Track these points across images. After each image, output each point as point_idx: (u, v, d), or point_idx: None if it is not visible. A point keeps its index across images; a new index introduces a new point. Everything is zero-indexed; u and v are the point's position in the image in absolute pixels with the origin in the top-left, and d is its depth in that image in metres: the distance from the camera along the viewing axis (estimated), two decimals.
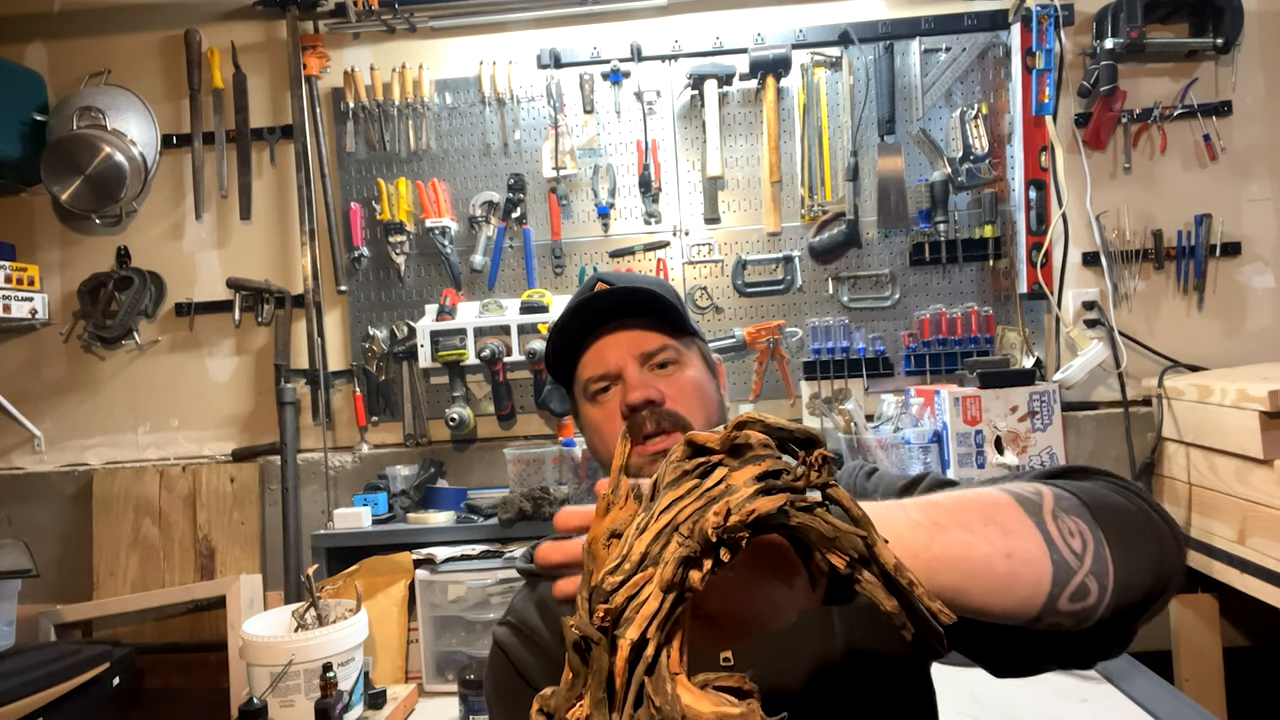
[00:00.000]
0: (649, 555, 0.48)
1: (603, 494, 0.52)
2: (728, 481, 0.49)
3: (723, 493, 0.48)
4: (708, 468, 0.50)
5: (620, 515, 0.51)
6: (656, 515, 0.49)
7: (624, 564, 0.48)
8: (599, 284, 0.98)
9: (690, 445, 0.51)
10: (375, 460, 2.38)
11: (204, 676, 2.23)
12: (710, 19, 2.32)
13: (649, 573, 0.47)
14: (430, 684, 2.01)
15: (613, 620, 0.47)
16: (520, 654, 0.94)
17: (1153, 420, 2.19)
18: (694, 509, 0.48)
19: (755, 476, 0.48)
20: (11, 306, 2.28)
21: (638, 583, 0.47)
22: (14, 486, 2.45)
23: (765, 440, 0.50)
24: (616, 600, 0.47)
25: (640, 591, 0.47)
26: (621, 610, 0.47)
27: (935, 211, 2.23)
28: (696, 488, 0.49)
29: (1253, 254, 2.24)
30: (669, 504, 0.49)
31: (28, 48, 2.44)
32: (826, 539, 0.49)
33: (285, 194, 2.42)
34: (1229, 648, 2.10)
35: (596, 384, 0.96)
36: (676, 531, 0.48)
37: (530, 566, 1.02)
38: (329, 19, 2.36)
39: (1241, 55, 2.22)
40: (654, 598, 0.46)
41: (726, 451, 0.50)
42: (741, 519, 0.47)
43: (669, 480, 0.50)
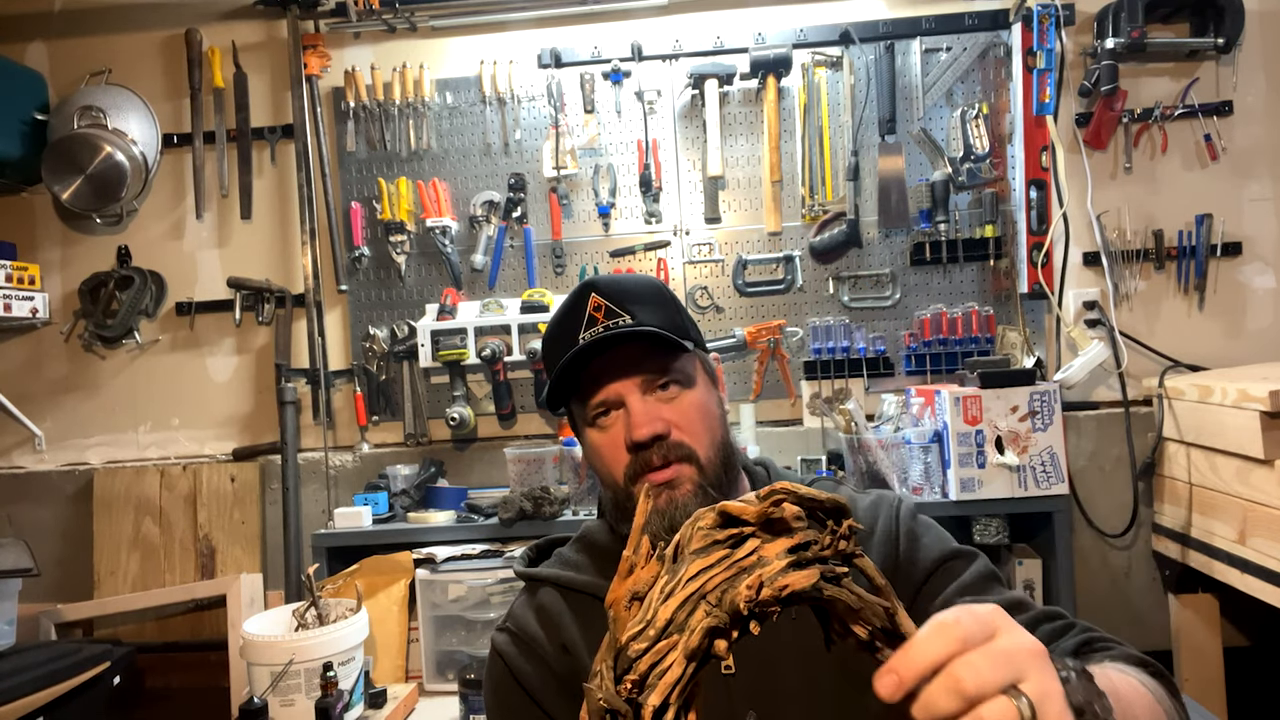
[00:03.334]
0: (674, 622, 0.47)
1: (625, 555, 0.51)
2: (760, 553, 0.49)
3: (754, 564, 0.48)
4: (739, 539, 0.50)
5: (643, 576, 0.51)
6: (683, 583, 0.48)
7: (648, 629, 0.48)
8: (593, 296, 0.93)
9: (723, 515, 0.50)
10: (376, 460, 2.38)
11: (204, 676, 2.24)
12: (711, 19, 2.31)
13: (673, 639, 0.47)
14: (430, 683, 2.01)
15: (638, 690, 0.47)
16: (520, 663, 0.93)
17: (1153, 420, 2.19)
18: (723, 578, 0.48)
19: (787, 549, 0.48)
20: (12, 306, 2.28)
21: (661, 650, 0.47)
22: (15, 486, 2.45)
23: (798, 513, 0.50)
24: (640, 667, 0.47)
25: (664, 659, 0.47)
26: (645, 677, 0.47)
27: (936, 211, 2.23)
28: (727, 558, 0.49)
29: (1253, 254, 2.24)
30: (697, 572, 0.49)
31: (29, 47, 2.44)
32: (853, 610, 0.49)
33: (286, 193, 2.42)
34: (1229, 648, 2.09)
35: (597, 410, 0.93)
36: (704, 600, 0.48)
37: (529, 571, 1.01)
38: (330, 18, 2.36)
39: (1242, 55, 2.22)
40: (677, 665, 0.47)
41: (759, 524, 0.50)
42: (775, 593, 0.47)
43: (696, 547, 0.50)
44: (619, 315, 0.92)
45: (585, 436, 0.97)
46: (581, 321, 0.93)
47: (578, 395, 0.96)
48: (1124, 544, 2.23)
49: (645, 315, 0.93)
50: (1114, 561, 2.24)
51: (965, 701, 0.44)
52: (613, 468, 0.92)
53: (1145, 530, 2.22)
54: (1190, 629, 2.10)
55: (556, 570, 0.99)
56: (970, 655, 0.45)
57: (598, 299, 0.93)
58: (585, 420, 0.96)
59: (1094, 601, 2.19)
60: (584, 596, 0.95)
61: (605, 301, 0.93)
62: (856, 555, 0.50)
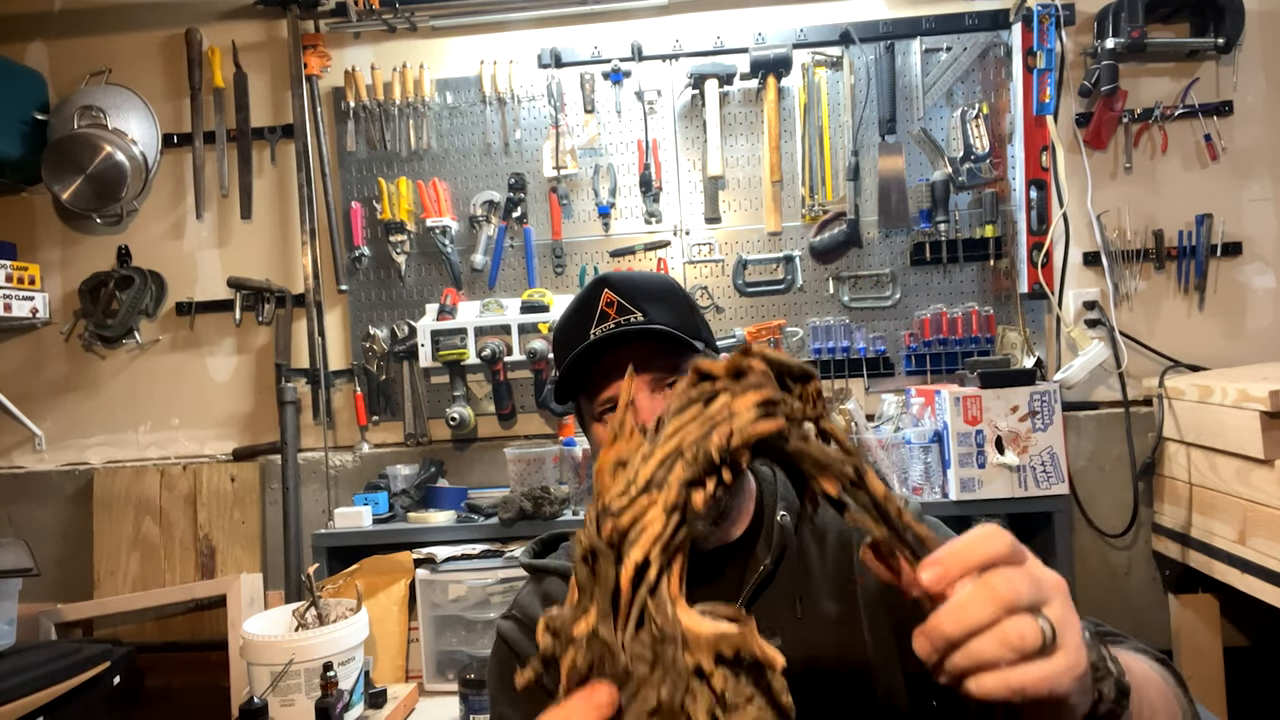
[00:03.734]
0: (654, 480, 0.49)
1: (610, 425, 0.53)
2: (730, 408, 0.51)
3: (725, 417, 0.50)
4: (711, 394, 0.52)
5: (626, 446, 0.52)
6: (663, 442, 0.51)
7: (630, 488, 0.49)
8: (605, 292, 0.93)
9: (697, 372, 0.53)
10: (376, 459, 2.38)
11: (204, 676, 2.24)
12: (711, 19, 2.31)
13: (654, 496, 0.49)
14: (430, 683, 2.01)
15: (619, 538, 0.48)
16: (525, 648, 0.94)
17: (1153, 420, 2.19)
18: (699, 434, 0.50)
19: (756, 403, 0.50)
20: (12, 305, 2.28)
21: (643, 505, 0.49)
22: (15, 485, 2.45)
23: (766, 370, 0.52)
24: (623, 521, 0.48)
25: (646, 514, 0.48)
26: (627, 531, 0.48)
27: (936, 211, 2.23)
28: (700, 414, 0.51)
29: (1254, 254, 2.24)
30: (674, 431, 0.51)
31: (29, 47, 2.44)
32: (821, 465, 0.52)
33: (286, 193, 2.42)
34: (1229, 648, 2.09)
35: (604, 405, 0.94)
36: (681, 457, 0.50)
37: (535, 562, 1.02)
38: (330, 18, 2.36)
39: (1243, 55, 2.22)
40: (658, 520, 0.48)
41: (730, 376, 0.52)
42: (744, 440, 0.49)
43: (675, 409, 0.52)
44: (631, 312, 0.92)
45: (591, 431, 0.97)
46: (593, 317, 0.93)
47: (586, 390, 0.96)
48: (1124, 544, 2.23)
49: (657, 313, 0.93)
50: (1114, 561, 2.23)
51: (999, 610, 0.46)
52: None
53: (1145, 530, 2.22)
54: (1190, 629, 2.10)
55: (562, 561, 1.00)
56: (1006, 569, 0.47)
57: (610, 295, 0.93)
58: (592, 415, 0.96)
59: (1094, 601, 2.19)
60: None
61: (618, 298, 0.93)
62: (823, 417, 0.53)
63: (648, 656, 0.46)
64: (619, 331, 0.90)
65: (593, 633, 0.47)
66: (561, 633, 0.49)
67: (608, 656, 0.47)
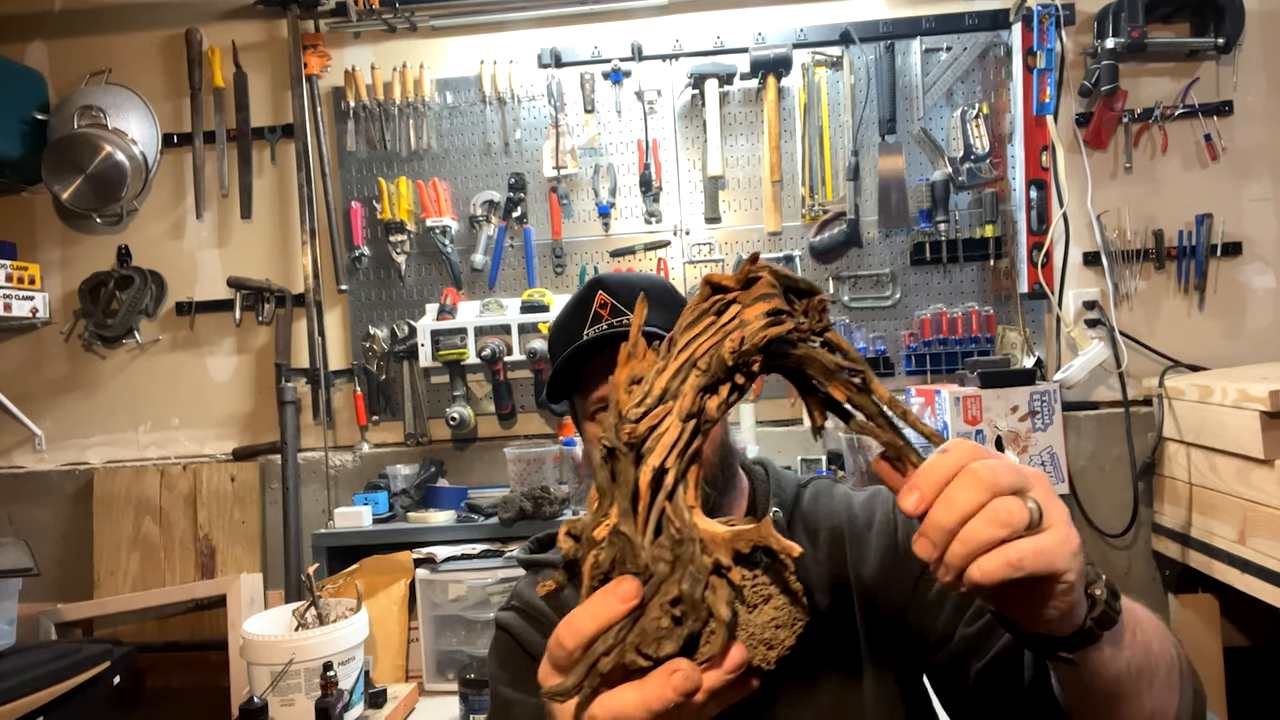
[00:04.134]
0: (669, 390, 0.52)
1: (625, 347, 0.55)
2: (741, 317, 0.53)
3: (736, 326, 0.52)
4: (723, 305, 0.54)
5: (640, 365, 0.54)
6: (676, 354, 0.53)
7: (646, 399, 0.52)
8: (599, 293, 0.95)
9: (709, 285, 0.55)
10: (376, 459, 2.38)
11: (204, 675, 2.23)
12: (711, 18, 2.31)
13: (669, 405, 0.51)
14: (430, 683, 2.01)
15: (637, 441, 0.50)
16: (527, 634, 0.95)
17: (1153, 420, 2.19)
18: (711, 342, 0.52)
19: (766, 311, 0.52)
20: (12, 305, 2.28)
21: (659, 414, 0.51)
22: (15, 485, 2.45)
23: (773, 282, 0.54)
24: (640, 428, 0.50)
25: (661, 422, 0.51)
26: (644, 438, 0.50)
27: (936, 211, 2.23)
28: (713, 324, 0.53)
29: (1253, 254, 2.24)
30: (687, 342, 0.53)
31: (29, 46, 2.44)
32: (828, 371, 0.53)
33: (286, 193, 2.42)
34: (1229, 648, 2.10)
35: (596, 405, 0.96)
36: (694, 366, 0.52)
37: (532, 557, 1.03)
38: (330, 18, 2.36)
39: (1243, 55, 2.22)
40: (674, 427, 0.50)
41: (741, 286, 0.54)
42: (755, 344, 0.51)
43: (687, 323, 0.54)
44: (624, 314, 0.94)
45: (585, 429, 0.99)
46: (587, 318, 0.95)
47: (579, 389, 0.98)
48: (1124, 544, 2.23)
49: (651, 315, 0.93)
50: (1114, 561, 2.23)
51: (984, 493, 0.49)
52: None
53: (1145, 530, 2.22)
54: (1190, 629, 2.10)
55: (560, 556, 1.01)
56: (987, 460, 0.50)
57: (604, 296, 0.95)
58: (585, 414, 0.98)
59: None
60: None
61: (612, 300, 0.94)
62: (828, 329, 0.55)
63: (667, 558, 0.47)
64: (611, 333, 0.92)
65: (614, 529, 0.49)
66: (583, 535, 0.51)
67: (629, 553, 0.48)
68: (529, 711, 0.89)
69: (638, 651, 0.45)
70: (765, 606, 0.50)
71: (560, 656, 0.48)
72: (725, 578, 0.47)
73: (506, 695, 0.93)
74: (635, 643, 0.46)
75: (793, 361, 0.54)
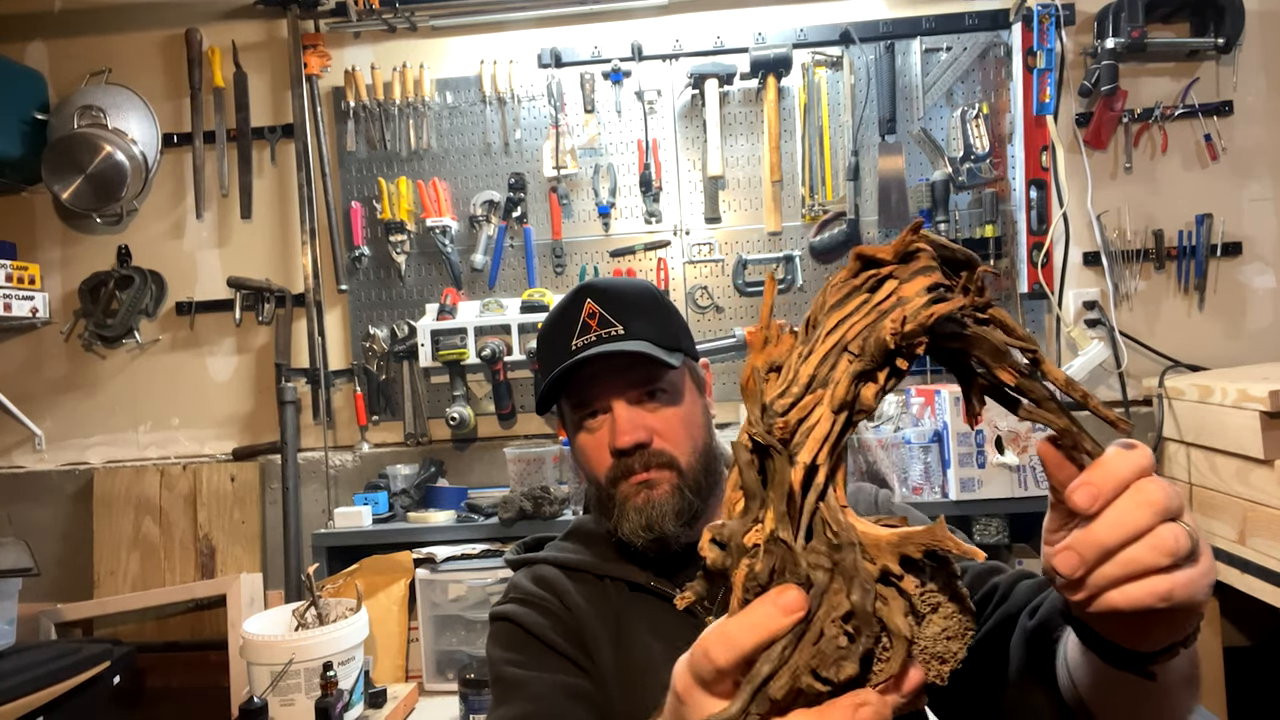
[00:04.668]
0: (817, 378, 0.45)
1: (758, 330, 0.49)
2: (898, 294, 0.46)
3: (894, 305, 0.46)
4: (878, 280, 0.47)
5: (778, 350, 0.48)
6: (823, 338, 0.46)
7: (791, 388, 0.45)
8: (588, 302, 0.96)
9: (860, 259, 0.48)
10: (376, 459, 2.38)
11: (204, 675, 2.23)
12: (711, 18, 2.31)
13: (818, 394, 0.45)
14: (430, 683, 2.01)
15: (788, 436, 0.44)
16: (531, 618, 0.95)
17: (1153, 420, 2.19)
18: (865, 324, 0.46)
19: (926, 287, 0.46)
20: (12, 305, 2.28)
21: (808, 404, 0.45)
22: (15, 485, 2.45)
23: (933, 254, 0.47)
24: (789, 421, 0.44)
25: (811, 414, 0.45)
26: (794, 432, 0.44)
27: (936, 211, 2.23)
28: (866, 303, 0.47)
29: (1254, 254, 2.24)
30: (835, 324, 0.47)
31: (28, 46, 2.44)
32: (998, 352, 0.47)
33: (286, 193, 2.42)
34: (1229, 648, 2.09)
35: (585, 413, 0.97)
36: (845, 351, 0.46)
37: (522, 556, 1.05)
38: (330, 18, 2.36)
39: (1243, 55, 2.22)
40: (825, 419, 0.44)
41: (898, 260, 0.47)
42: (920, 324, 0.44)
43: (833, 302, 0.48)
44: (612, 324, 0.94)
45: (573, 436, 1.00)
46: (575, 327, 0.95)
47: (567, 398, 0.99)
48: None
49: (639, 326, 0.95)
50: None
51: (1155, 518, 0.45)
52: (596, 468, 0.96)
53: None
54: None
55: (552, 554, 1.03)
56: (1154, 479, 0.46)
57: (593, 305, 0.95)
58: (575, 424, 0.99)
59: None
60: (583, 574, 0.99)
61: (600, 310, 0.95)
62: (992, 304, 0.47)
63: (825, 564, 0.42)
64: (597, 352, 0.92)
65: (771, 537, 0.43)
66: (731, 543, 0.44)
67: (789, 563, 0.42)
68: (546, 687, 0.89)
69: (814, 675, 0.40)
70: (934, 616, 0.44)
71: (710, 672, 0.42)
72: (896, 586, 0.42)
73: (517, 675, 0.91)
74: (811, 664, 0.40)
75: (958, 343, 0.47)
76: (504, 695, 0.91)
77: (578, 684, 0.91)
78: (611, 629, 0.95)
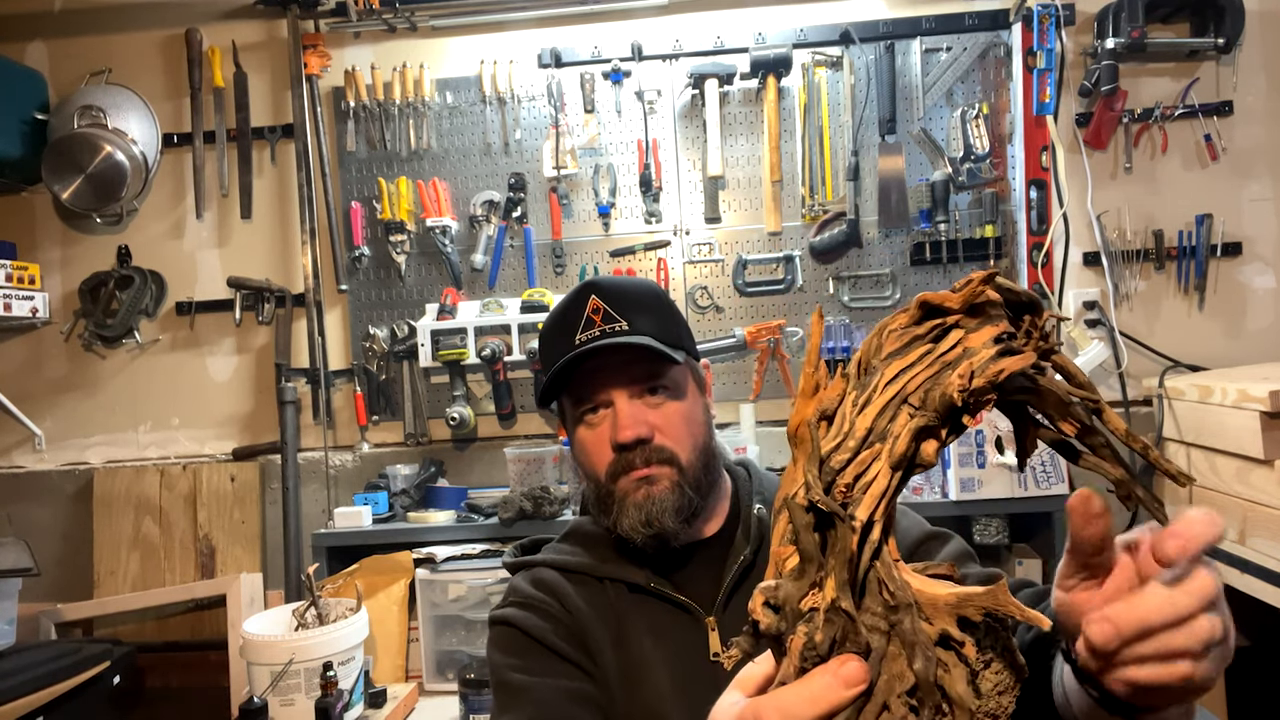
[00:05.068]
0: (874, 430, 0.43)
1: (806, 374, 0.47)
2: (964, 344, 0.44)
3: (960, 357, 0.44)
4: (942, 330, 0.45)
5: (828, 395, 0.46)
6: (881, 388, 0.44)
7: (847, 440, 0.43)
8: (592, 298, 0.96)
9: (924, 305, 0.46)
10: (376, 459, 2.38)
11: (204, 675, 2.23)
12: (711, 18, 2.31)
13: (876, 449, 0.43)
14: (430, 683, 2.01)
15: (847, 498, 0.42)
16: (532, 622, 0.95)
17: (1153, 420, 2.19)
18: (926, 375, 0.44)
19: (994, 338, 0.44)
20: (12, 305, 2.28)
21: (865, 460, 0.43)
22: (15, 485, 2.45)
23: (999, 300, 0.45)
24: (846, 478, 0.43)
25: (867, 470, 0.43)
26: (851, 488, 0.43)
27: (936, 211, 2.23)
28: (929, 353, 0.45)
29: (1254, 254, 2.24)
30: (896, 374, 0.44)
31: (28, 46, 2.44)
32: (1062, 404, 0.45)
33: (286, 193, 2.42)
34: None
35: (586, 408, 0.97)
36: (906, 403, 0.44)
37: (520, 559, 1.05)
38: (330, 18, 2.36)
39: (1243, 55, 2.22)
40: (883, 475, 0.42)
41: (965, 310, 0.45)
42: (988, 379, 0.42)
43: (891, 350, 0.45)
44: (616, 320, 0.95)
45: (573, 432, 1.00)
46: (579, 322, 0.96)
47: (569, 393, 0.99)
48: None
49: (642, 323, 0.96)
50: None
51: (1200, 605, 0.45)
52: (596, 464, 0.97)
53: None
54: None
55: (550, 556, 1.03)
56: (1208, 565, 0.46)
57: (597, 301, 0.96)
58: (574, 417, 0.99)
59: None
60: (582, 576, 0.99)
61: (604, 305, 0.95)
62: (1056, 351, 0.45)
63: (882, 627, 0.41)
64: (603, 344, 0.93)
65: (833, 606, 0.41)
66: (786, 606, 0.43)
67: (850, 632, 0.41)
68: (549, 692, 0.89)
69: None
70: (987, 673, 0.42)
71: None
72: (956, 651, 0.41)
73: (519, 681, 0.91)
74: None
75: (1024, 395, 0.45)
76: (507, 702, 0.91)
77: (580, 687, 0.91)
78: (613, 630, 0.95)
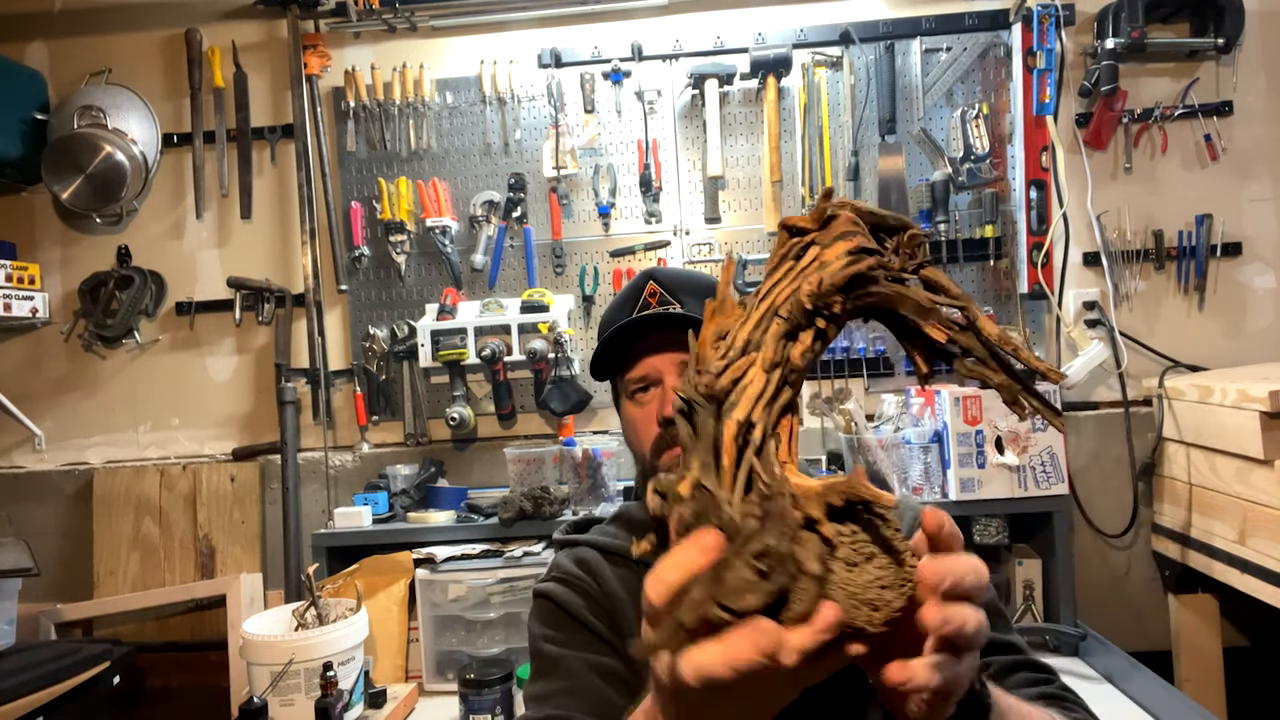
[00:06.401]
0: (751, 341, 0.49)
1: (708, 303, 0.53)
2: (820, 258, 0.50)
3: (816, 268, 0.50)
4: (802, 248, 0.51)
5: (726, 319, 0.52)
6: (757, 304, 0.50)
7: (729, 352, 0.49)
8: (650, 283, 1.03)
9: (785, 228, 0.52)
10: (376, 459, 2.38)
11: (204, 675, 2.24)
12: (711, 18, 2.31)
13: (752, 356, 0.49)
14: (430, 683, 2.02)
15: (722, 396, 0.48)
16: (569, 598, 1.00)
17: (1153, 420, 2.19)
18: (791, 288, 0.50)
19: (847, 251, 0.50)
20: (12, 305, 2.29)
21: (741, 366, 0.49)
22: (14, 485, 2.45)
23: (854, 218, 0.51)
24: (722, 381, 0.48)
25: (745, 374, 0.48)
26: (728, 391, 0.48)
27: (936, 211, 2.23)
28: (792, 269, 0.51)
29: (1253, 254, 2.24)
30: (768, 290, 0.51)
31: (29, 46, 2.44)
32: (924, 309, 0.50)
33: (286, 193, 2.42)
34: (1229, 648, 2.09)
35: (637, 384, 1.02)
36: (775, 314, 0.50)
37: (567, 536, 1.10)
38: (330, 18, 2.36)
39: (1242, 55, 2.22)
40: (758, 379, 0.48)
41: (818, 226, 0.51)
42: (834, 284, 0.48)
43: (767, 272, 0.52)
44: (670, 303, 1.02)
45: (623, 409, 1.06)
46: (637, 304, 1.03)
47: (621, 369, 1.05)
48: (1124, 544, 2.23)
49: (694, 306, 1.02)
50: (1114, 561, 2.23)
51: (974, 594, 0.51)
52: (644, 440, 1.01)
53: (1145, 530, 2.22)
54: (1190, 629, 2.10)
55: (594, 537, 1.08)
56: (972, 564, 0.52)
57: (654, 286, 1.04)
58: (625, 393, 1.05)
59: (1094, 601, 2.19)
60: (620, 558, 1.04)
61: (661, 289, 1.03)
62: (925, 266, 0.51)
63: (757, 514, 0.45)
64: (653, 315, 1.00)
65: (696, 484, 0.47)
66: (668, 493, 0.48)
67: (712, 507, 0.46)
68: (579, 664, 0.94)
69: (718, 604, 0.43)
70: (867, 565, 0.46)
71: (649, 609, 0.46)
72: (816, 532, 0.45)
73: (553, 652, 0.97)
74: (716, 595, 0.43)
75: (881, 302, 0.50)
76: (540, 670, 0.98)
77: (609, 663, 0.96)
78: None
